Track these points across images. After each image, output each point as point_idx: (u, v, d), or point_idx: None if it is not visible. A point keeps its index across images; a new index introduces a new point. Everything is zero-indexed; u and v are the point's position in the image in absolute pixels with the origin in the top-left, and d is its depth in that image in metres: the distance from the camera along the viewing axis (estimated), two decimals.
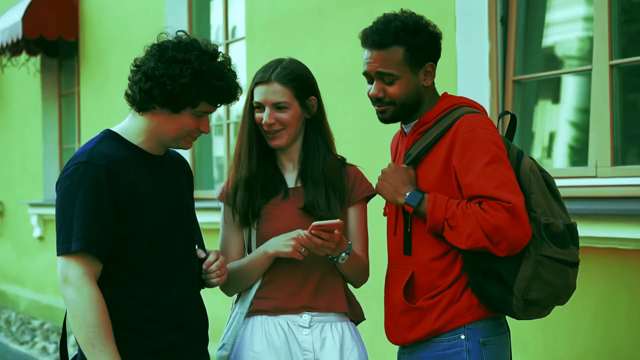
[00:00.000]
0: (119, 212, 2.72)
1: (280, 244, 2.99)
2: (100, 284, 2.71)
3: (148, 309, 2.77)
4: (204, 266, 2.93)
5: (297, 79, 3.06)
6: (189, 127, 2.80)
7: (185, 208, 2.95)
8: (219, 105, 2.83)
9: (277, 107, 3.04)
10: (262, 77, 3.05)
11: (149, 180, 2.81)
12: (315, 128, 3.12)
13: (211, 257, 2.93)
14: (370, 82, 2.96)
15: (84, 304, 2.64)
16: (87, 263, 2.67)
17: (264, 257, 3.03)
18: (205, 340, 2.96)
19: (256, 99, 3.05)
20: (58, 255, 2.70)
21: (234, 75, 2.83)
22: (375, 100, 2.95)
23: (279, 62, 3.09)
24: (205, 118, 2.84)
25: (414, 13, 2.95)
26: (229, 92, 2.81)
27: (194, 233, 2.97)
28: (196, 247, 2.97)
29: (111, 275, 2.75)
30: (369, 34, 2.91)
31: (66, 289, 2.68)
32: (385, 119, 2.98)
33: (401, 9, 2.98)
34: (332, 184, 3.10)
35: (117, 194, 2.71)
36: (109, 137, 2.82)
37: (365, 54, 2.94)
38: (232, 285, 3.08)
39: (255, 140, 3.11)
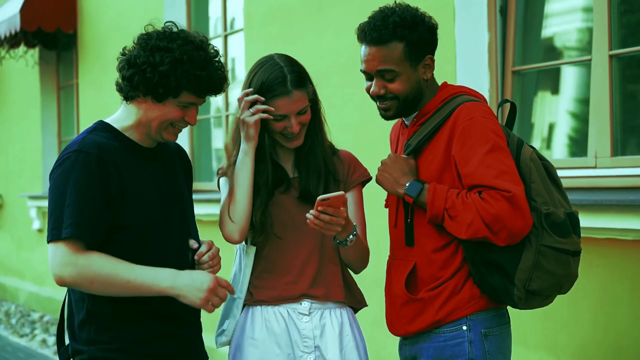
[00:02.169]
0: (110, 200, 2.72)
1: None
2: None
3: (137, 303, 2.77)
4: (195, 257, 2.92)
5: (305, 78, 3.06)
6: (173, 116, 2.78)
7: (179, 200, 2.94)
8: (203, 96, 2.81)
9: (300, 112, 3.03)
10: (282, 91, 2.99)
11: (138, 172, 2.81)
12: (311, 115, 3.11)
13: (203, 248, 2.93)
14: (369, 79, 2.95)
15: (89, 268, 2.64)
16: (76, 248, 2.67)
17: (242, 155, 3.03)
18: (197, 327, 2.97)
19: (279, 112, 3.00)
20: (48, 242, 2.70)
21: (219, 67, 2.81)
22: (377, 97, 2.93)
23: (279, 66, 3.03)
24: (192, 109, 2.82)
25: (409, 6, 2.93)
26: (211, 83, 2.79)
27: (188, 224, 2.97)
28: (190, 238, 2.96)
29: None
30: (366, 31, 2.89)
31: (62, 272, 2.66)
32: (388, 116, 2.97)
33: (395, 1, 2.97)
34: (329, 171, 3.11)
35: (108, 182, 2.71)
36: (101, 127, 2.84)
37: (363, 50, 2.92)
38: (233, 221, 3.05)
39: (269, 148, 3.11)
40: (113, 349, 2.74)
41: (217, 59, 2.81)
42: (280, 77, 3.00)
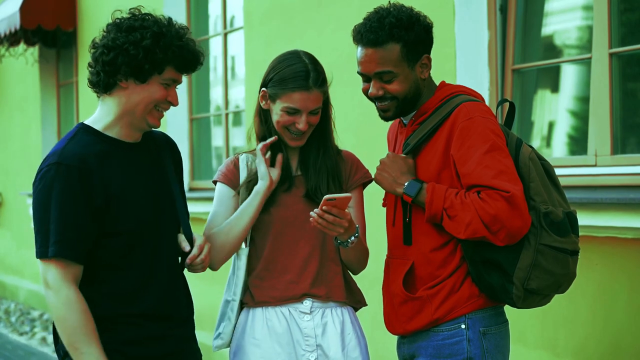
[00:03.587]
0: (95, 212, 2.70)
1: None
2: (81, 281, 2.71)
3: (129, 305, 2.77)
4: (187, 260, 2.90)
5: (325, 80, 3.07)
6: (158, 96, 2.77)
7: (169, 195, 2.91)
8: (184, 73, 2.81)
9: (312, 112, 3.03)
10: (302, 85, 3.00)
11: (125, 174, 2.78)
12: (320, 117, 3.11)
13: (195, 251, 2.89)
14: (367, 80, 2.94)
15: (63, 307, 2.65)
16: (65, 266, 2.67)
17: (253, 198, 3.04)
18: (190, 326, 2.96)
19: (294, 105, 3.00)
20: (37, 258, 2.70)
21: (193, 41, 2.82)
22: (376, 98, 2.93)
23: (304, 62, 3.04)
24: (173, 88, 2.81)
25: (403, 5, 2.93)
26: (193, 54, 2.79)
27: (179, 219, 2.93)
28: (181, 235, 2.92)
29: (91, 272, 2.74)
30: (362, 33, 2.88)
31: (47, 293, 2.68)
32: (387, 117, 2.97)
33: (389, 1, 2.96)
34: (332, 171, 3.11)
35: (91, 194, 2.69)
36: (83, 131, 2.79)
37: (360, 52, 2.91)
38: (217, 253, 3.04)
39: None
40: (107, 350, 2.72)
41: (188, 35, 2.82)
42: (304, 72, 3.01)
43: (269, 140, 3.06)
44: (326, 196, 2.81)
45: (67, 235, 2.65)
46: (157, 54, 2.70)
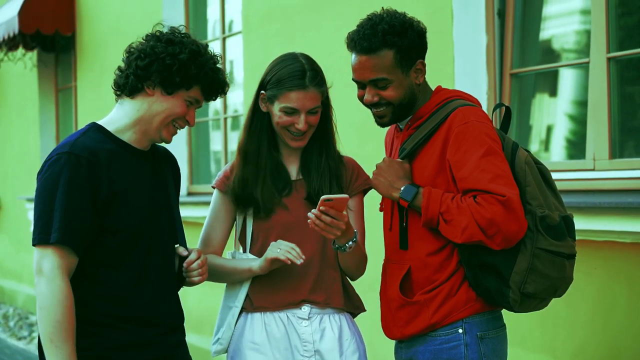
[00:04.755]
0: (98, 206, 2.71)
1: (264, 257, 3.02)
2: (74, 279, 2.71)
3: (119, 307, 2.76)
4: (184, 264, 2.91)
5: (324, 81, 3.08)
6: (179, 111, 2.81)
7: (167, 205, 2.93)
8: (208, 96, 2.87)
9: (311, 111, 3.03)
10: (299, 84, 3.01)
11: (131, 175, 2.80)
12: (321, 120, 3.12)
13: (192, 256, 2.92)
14: (362, 87, 2.95)
15: (51, 298, 2.63)
16: (63, 255, 2.66)
17: (247, 272, 3.06)
18: (180, 334, 2.96)
19: (292, 104, 3.01)
20: (34, 245, 2.69)
21: (223, 72, 2.90)
22: (371, 104, 2.93)
23: (300, 62, 3.05)
24: (193, 109, 2.86)
25: (397, 11, 2.93)
26: (222, 80, 2.87)
27: (175, 230, 2.95)
28: (177, 245, 2.95)
29: (85, 270, 2.74)
30: (356, 40, 2.89)
31: (39, 280, 2.67)
32: (384, 123, 2.97)
33: (382, 7, 2.96)
34: (335, 173, 3.11)
35: (97, 187, 2.70)
36: (94, 129, 2.83)
37: (354, 59, 2.91)
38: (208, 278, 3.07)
39: (271, 137, 3.11)
40: (93, 356, 2.73)
41: (220, 63, 2.90)
42: (300, 71, 3.03)
43: (282, 257, 2.95)
44: (323, 196, 2.81)
45: (72, 223, 2.66)
46: (191, 69, 2.77)
